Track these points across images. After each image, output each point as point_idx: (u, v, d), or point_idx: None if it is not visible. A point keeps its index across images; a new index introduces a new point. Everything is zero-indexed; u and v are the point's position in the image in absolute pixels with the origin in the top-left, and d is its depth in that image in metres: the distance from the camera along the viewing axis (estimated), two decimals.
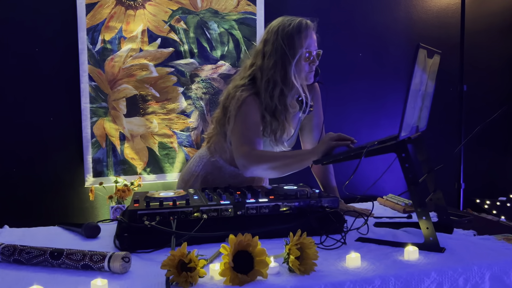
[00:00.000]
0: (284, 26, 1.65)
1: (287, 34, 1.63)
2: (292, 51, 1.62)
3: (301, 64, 1.64)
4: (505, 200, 3.06)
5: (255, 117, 1.64)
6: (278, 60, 1.63)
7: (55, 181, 2.53)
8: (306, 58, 1.65)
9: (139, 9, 2.58)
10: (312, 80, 1.72)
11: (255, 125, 1.64)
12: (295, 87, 1.64)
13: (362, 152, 1.32)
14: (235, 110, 1.64)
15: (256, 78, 1.68)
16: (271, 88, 1.64)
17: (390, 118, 3.05)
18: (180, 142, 2.70)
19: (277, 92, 1.64)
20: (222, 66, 2.73)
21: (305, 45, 1.63)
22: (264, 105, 1.65)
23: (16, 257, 1.17)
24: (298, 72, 1.64)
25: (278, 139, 1.69)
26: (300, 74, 1.65)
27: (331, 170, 1.87)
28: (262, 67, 1.66)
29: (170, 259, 1.03)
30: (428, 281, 1.12)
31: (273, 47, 1.64)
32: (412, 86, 1.22)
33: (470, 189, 3.00)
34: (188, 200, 1.35)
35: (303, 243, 1.10)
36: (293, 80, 1.63)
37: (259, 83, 1.67)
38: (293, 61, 1.62)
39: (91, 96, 2.53)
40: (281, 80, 1.63)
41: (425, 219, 1.26)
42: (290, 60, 1.62)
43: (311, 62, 1.67)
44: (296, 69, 1.63)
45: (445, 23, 3.13)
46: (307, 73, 1.68)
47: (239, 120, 1.63)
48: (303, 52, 1.63)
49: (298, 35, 1.62)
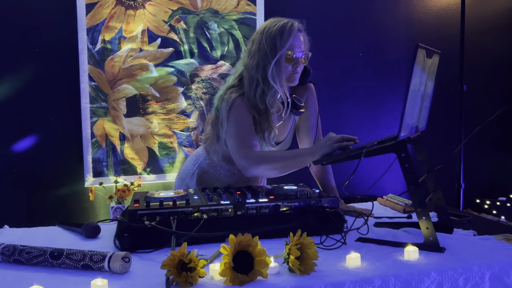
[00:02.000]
0: (270, 26, 1.66)
1: (270, 35, 1.64)
2: (273, 51, 1.63)
3: (281, 64, 1.64)
4: (505, 200, 3.06)
5: (247, 117, 1.66)
6: (260, 60, 1.65)
7: (55, 181, 2.53)
8: (288, 60, 1.65)
9: (139, 9, 2.58)
10: (297, 82, 1.72)
11: (249, 125, 1.66)
12: (274, 87, 1.64)
13: (362, 152, 1.32)
14: (227, 112, 1.66)
15: (244, 77, 1.70)
16: (254, 87, 1.66)
17: (389, 118, 3.05)
18: (180, 142, 2.70)
19: (259, 91, 1.66)
20: (222, 66, 2.73)
21: (287, 46, 1.63)
22: (250, 104, 1.67)
23: (16, 257, 1.17)
24: (278, 73, 1.64)
25: (267, 138, 1.69)
26: (279, 75, 1.64)
27: (329, 170, 1.87)
28: (247, 66, 1.68)
29: (170, 259, 1.03)
30: (428, 281, 1.12)
31: (257, 47, 1.66)
32: (411, 86, 1.22)
33: (470, 189, 3.00)
34: (188, 200, 1.35)
35: (303, 243, 1.10)
36: (270, 80, 1.63)
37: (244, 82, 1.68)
38: (272, 61, 1.62)
39: (91, 96, 2.54)
40: (262, 80, 1.64)
41: (425, 219, 1.26)
42: (270, 60, 1.63)
43: (294, 64, 1.67)
44: (276, 70, 1.63)
45: (445, 23, 3.13)
46: (290, 74, 1.68)
47: (232, 122, 1.65)
48: (284, 53, 1.63)
49: (280, 36, 1.63)
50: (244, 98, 1.67)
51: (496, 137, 3.28)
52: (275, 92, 1.66)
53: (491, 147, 3.28)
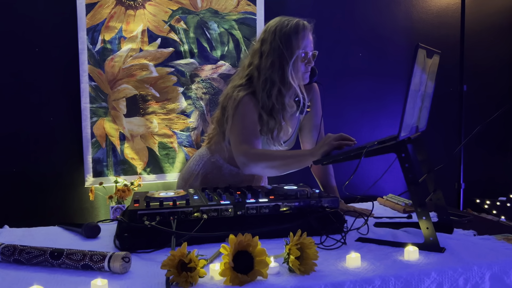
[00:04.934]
0: (282, 26, 1.66)
1: (284, 34, 1.64)
2: (290, 51, 1.63)
3: (297, 64, 1.66)
4: (505, 200, 3.06)
5: (252, 116, 1.66)
6: (275, 60, 1.64)
7: (55, 181, 2.53)
8: (303, 59, 1.66)
9: (139, 9, 2.58)
10: (308, 80, 1.73)
11: (253, 124, 1.66)
12: (293, 87, 1.66)
13: (362, 152, 1.32)
14: (233, 109, 1.65)
15: (253, 77, 1.70)
16: (269, 87, 1.65)
17: (390, 118, 3.05)
18: (180, 142, 2.70)
19: (275, 91, 1.65)
20: (222, 66, 2.73)
21: (302, 46, 1.65)
22: (261, 104, 1.67)
23: (16, 257, 1.17)
24: (295, 73, 1.66)
25: (275, 138, 1.70)
26: (297, 74, 1.67)
27: (330, 170, 1.87)
28: (260, 67, 1.68)
29: (170, 259, 1.03)
30: (428, 281, 1.12)
31: (271, 47, 1.66)
32: (411, 86, 1.22)
33: (470, 189, 3.00)
34: (188, 200, 1.35)
35: (303, 243, 1.10)
36: (290, 80, 1.64)
37: (256, 82, 1.68)
38: (290, 61, 1.63)
39: (91, 96, 2.53)
40: (279, 80, 1.64)
41: (425, 219, 1.26)
42: (288, 60, 1.63)
43: (307, 63, 1.69)
44: (293, 69, 1.65)
45: (445, 23, 3.13)
46: (303, 73, 1.70)
47: (237, 119, 1.64)
48: (300, 52, 1.65)
49: (295, 36, 1.64)
50: (252, 97, 1.67)
51: (496, 137, 3.28)
52: (293, 92, 1.67)
53: (491, 147, 3.28)
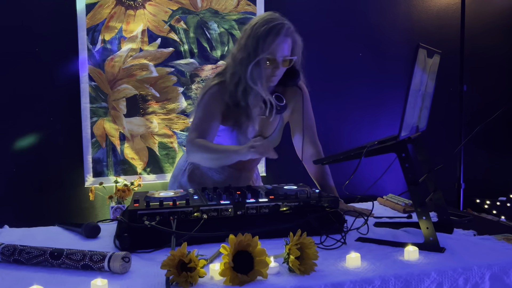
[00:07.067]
0: (258, 26, 1.63)
1: (255, 35, 1.62)
2: (255, 53, 1.61)
3: (261, 67, 1.62)
4: (505, 200, 3.06)
5: (214, 106, 1.68)
6: (244, 58, 1.64)
7: (55, 181, 2.53)
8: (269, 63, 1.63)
9: (139, 9, 2.58)
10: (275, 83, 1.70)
11: (210, 115, 1.67)
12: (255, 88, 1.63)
13: (362, 152, 1.32)
14: (201, 96, 1.71)
15: (227, 66, 1.71)
16: (236, 82, 1.66)
17: (390, 118, 3.05)
18: (180, 142, 2.70)
19: (240, 88, 1.65)
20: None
21: (269, 50, 1.61)
22: (229, 93, 1.68)
23: (16, 257, 1.16)
24: (258, 75, 1.63)
25: (244, 130, 1.69)
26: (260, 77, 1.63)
27: (327, 170, 1.86)
28: (234, 57, 1.68)
29: (170, 259, 1.03)
30: (428, 281, 1.12)
31: (244, 43, 1.65)
32: (412, 86, 1.21)
33: (470, 189, 3.00)
34: (188, 200, 1.35)
35: (303, 243, 1.10)
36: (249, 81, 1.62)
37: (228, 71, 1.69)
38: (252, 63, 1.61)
39: (91, 96, 2.54)
40: (244, 79, 1.64)
41: (425, 219, 1.26)
42: (251, 60, 1.62)
43: (274, 68, 1.65)
44: (255, 72, 1.62)
45: (445, 23, 3.13)
46: (268, 77, 1.66)
47: (200, 107, 1.69)
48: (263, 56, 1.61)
49: (263, 40, 1.60)
50: (222, 87, 1.68)
51: (496, 137, 3.28)
52: (257, 93, 1.65)
53: (491, 147, 3.28)
